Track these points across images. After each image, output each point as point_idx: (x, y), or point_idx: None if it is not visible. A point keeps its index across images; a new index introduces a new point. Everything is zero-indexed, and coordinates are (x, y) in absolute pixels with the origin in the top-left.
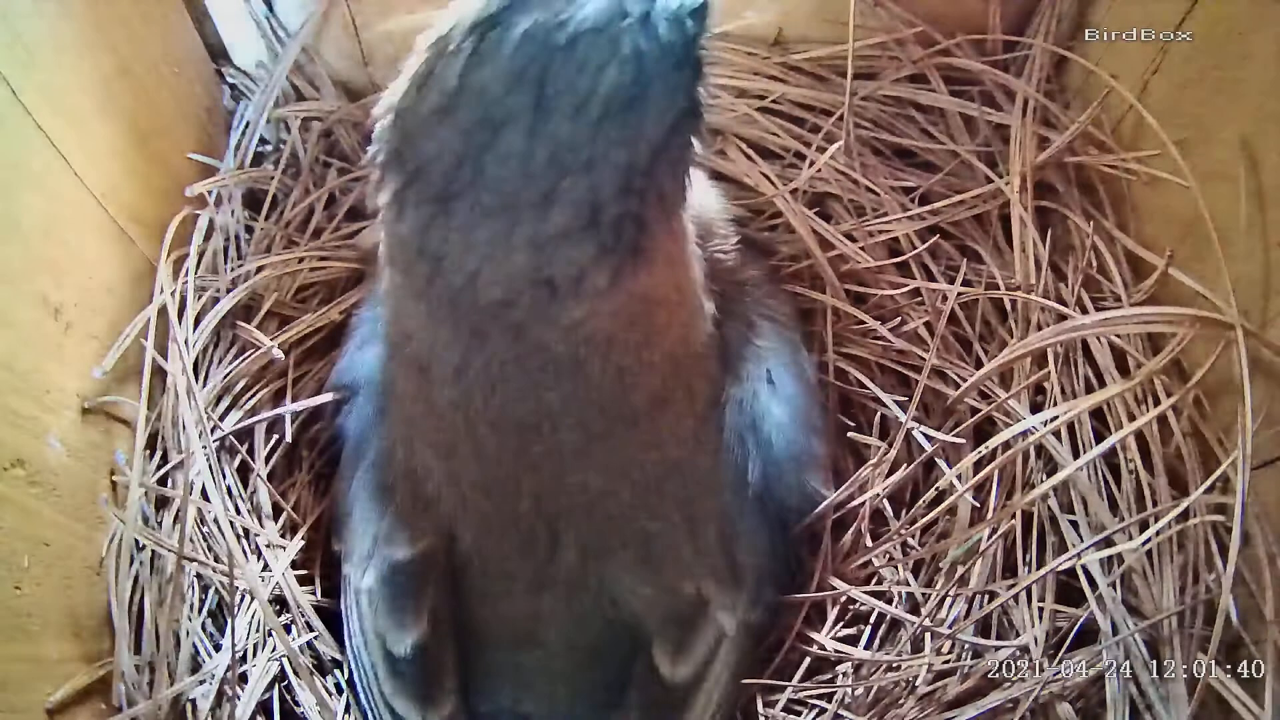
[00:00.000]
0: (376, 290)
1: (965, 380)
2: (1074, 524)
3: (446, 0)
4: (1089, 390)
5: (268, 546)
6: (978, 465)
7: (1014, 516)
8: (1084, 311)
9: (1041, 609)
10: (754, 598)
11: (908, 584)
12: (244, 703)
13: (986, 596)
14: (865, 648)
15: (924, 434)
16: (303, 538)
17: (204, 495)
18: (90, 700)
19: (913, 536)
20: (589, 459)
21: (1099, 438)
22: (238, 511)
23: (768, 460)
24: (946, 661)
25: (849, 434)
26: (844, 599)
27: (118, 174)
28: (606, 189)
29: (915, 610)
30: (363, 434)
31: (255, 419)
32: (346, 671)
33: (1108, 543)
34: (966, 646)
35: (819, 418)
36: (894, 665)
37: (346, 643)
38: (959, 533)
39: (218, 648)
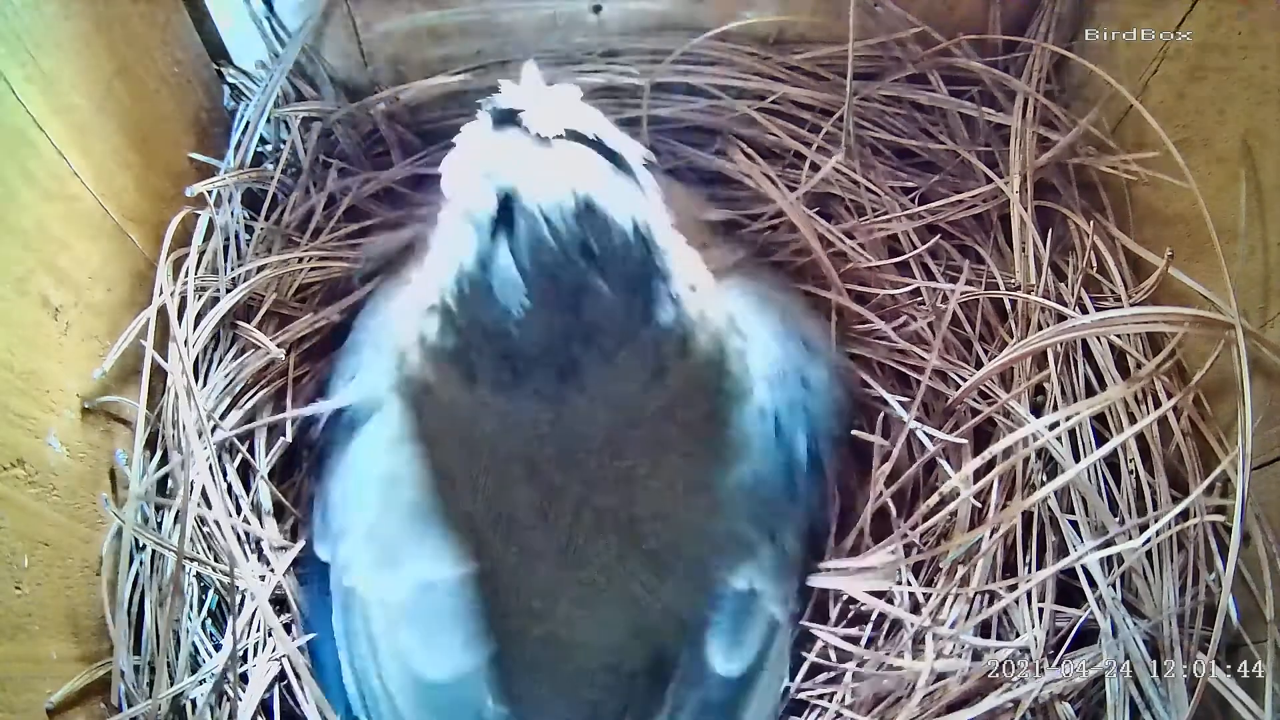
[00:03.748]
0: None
1: (965, 380)
2: (1074, 524)
3: (444, 2)
4: (1089, 390)
5: (269, 547)
6: (979, 468)
7: (1015, 517)
8: (1084, 311)
9: (1041, 609)
10: (799, 587)
11: (909, 584)
12: (244, 703)
13: (987, 597)
14: (866, 647)
15: (926, 434)
16: (304, 537)
17: (204, 495)
18: (90, 700)
19: (916, 537)
20: (637, 456)
21: (1099, 438)
22: (238, 511)
23: (809, 423)
24: (947, 662)
25: (852, 431)
26: (845, 598)
27: (118, 174)
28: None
29: (916, 610)
30: (374, 441)
31: (256, 423)
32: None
33: (1108, 543)
34: (967, 647)
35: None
36: (895, 665)
37: (345, 657)
38: (960, 533)
39: (218, 648)
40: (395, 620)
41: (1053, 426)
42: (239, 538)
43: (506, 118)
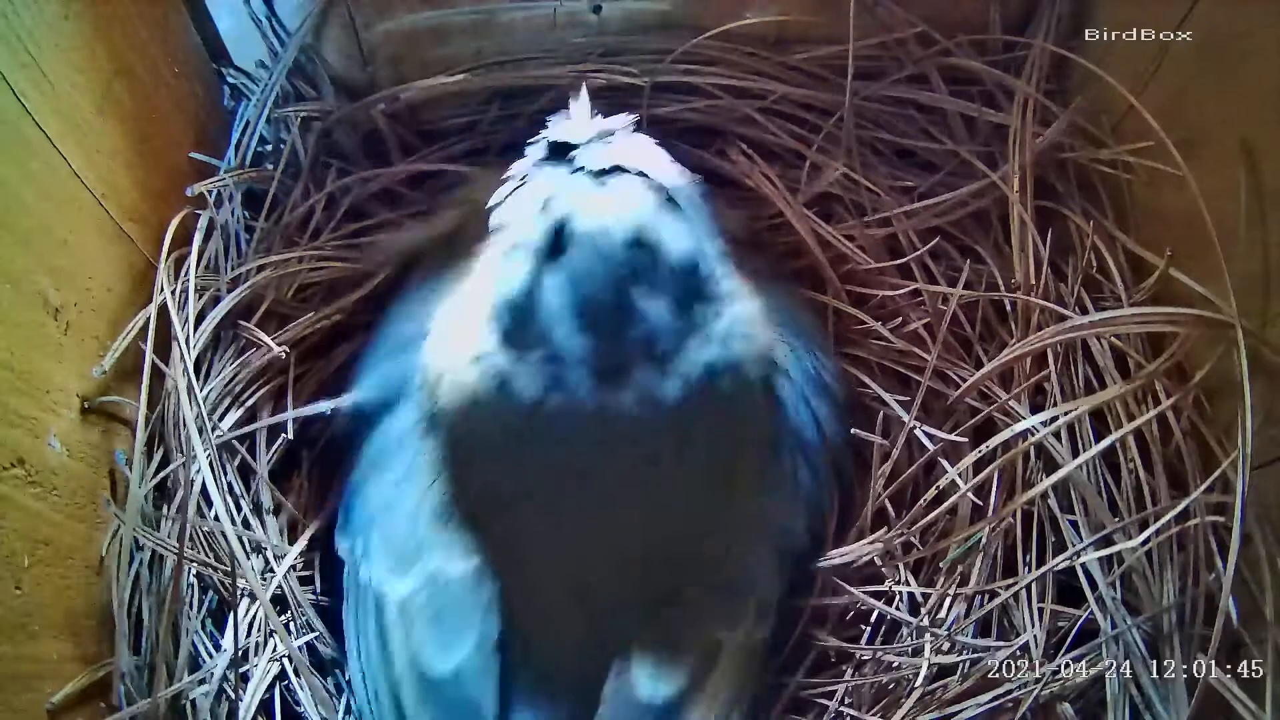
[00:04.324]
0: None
1: (965, 380)
2: (1074, 524)
3: (444, 2)
4: (1089, 390)
5: (269, 547)
6: (978, 465)
7: (1014, 516)
8: (1084, 311)
9: (1041, 609)
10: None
11: (908, 584)
12: (245, 703)
13: (986, 596)
14: (867, 644)
15: (926, 433)
16: (304, 537)
17: (204, 495)
18: (90, 700)
19: (914, 536)
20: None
21: (1099, 438)
22: (238, 511)
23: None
24: (946, 660)
25: (852, 430)
26: (844, 597)
27: (118, 174)
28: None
29: (916, 610)
30: (401, 439)
31: (257, 423)
32: (346, 675)
33: (1107, 542)
34: (966, 646)
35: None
36: (895, 664)
37: (354, 651)
38: (959, 532)
39: (218, 648)
40: (408, 615)
41: (1049, 422)
42: (239, 537)
43: (559, 151)
